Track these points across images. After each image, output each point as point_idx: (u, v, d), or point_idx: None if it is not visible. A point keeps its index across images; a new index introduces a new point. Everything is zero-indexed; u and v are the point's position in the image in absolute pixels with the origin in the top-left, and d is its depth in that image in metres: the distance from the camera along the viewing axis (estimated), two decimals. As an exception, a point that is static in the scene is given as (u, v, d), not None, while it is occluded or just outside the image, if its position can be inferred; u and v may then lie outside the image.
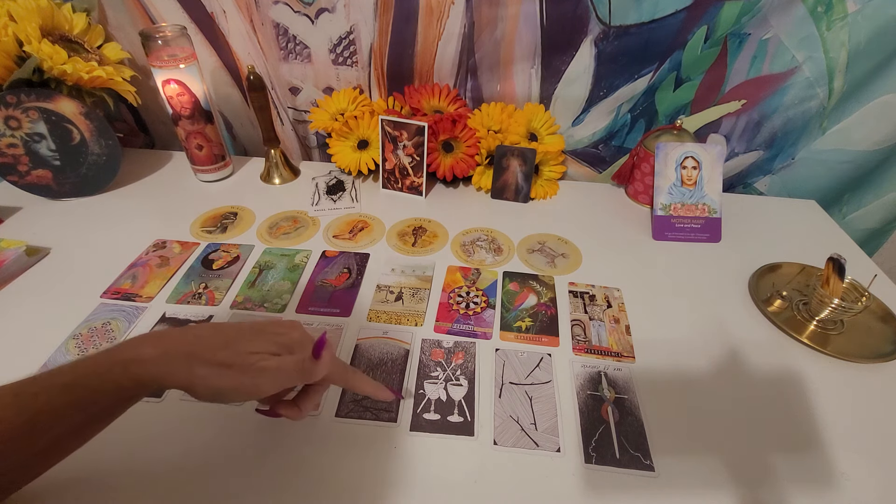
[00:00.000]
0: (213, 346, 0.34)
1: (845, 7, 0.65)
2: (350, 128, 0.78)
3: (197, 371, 0.33)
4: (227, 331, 0.36)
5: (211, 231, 0.70)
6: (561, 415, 0.46)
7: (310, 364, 0.36)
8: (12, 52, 0.65)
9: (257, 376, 0.34)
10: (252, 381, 0.34)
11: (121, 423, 0.44)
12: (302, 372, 0.36)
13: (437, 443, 0.44)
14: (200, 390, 0.33)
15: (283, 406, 0.39)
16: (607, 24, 0.68)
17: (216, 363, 0.33)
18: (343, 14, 0.72)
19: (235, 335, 0.35)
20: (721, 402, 0.48)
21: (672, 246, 0.71)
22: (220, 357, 0.34)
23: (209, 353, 0.33)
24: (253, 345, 0.35)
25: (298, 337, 0.38)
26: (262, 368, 0.34)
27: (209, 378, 0.33)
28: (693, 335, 0.56)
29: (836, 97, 0.72)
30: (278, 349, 0.36)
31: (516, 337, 0.55)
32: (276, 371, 0.35)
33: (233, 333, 0.36)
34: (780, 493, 0.41)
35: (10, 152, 0.69)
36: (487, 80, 0.78)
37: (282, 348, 0.36)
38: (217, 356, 0.33)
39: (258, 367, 0.34)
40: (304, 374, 0.36)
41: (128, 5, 0.76)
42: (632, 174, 0.80)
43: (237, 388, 0.34)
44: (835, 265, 0.56)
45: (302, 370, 0.36)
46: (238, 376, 0.34)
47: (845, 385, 0.51)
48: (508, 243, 0.70)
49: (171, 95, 0.71)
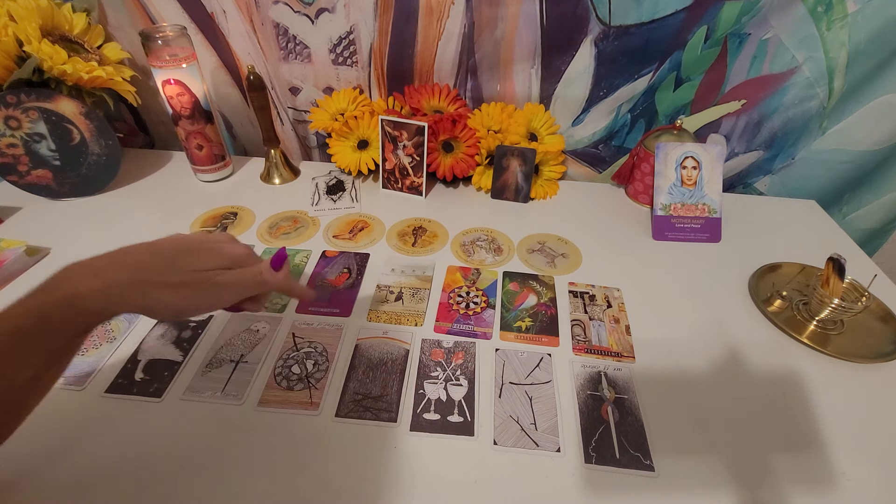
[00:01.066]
0: (160, 269, 0.34)
1: (845, 7, 0.65)
2: (350, 128, 0.78)
3: (152, 295, 0.33)
4: (163, 251, 0.36)
5: (211, 231, 0.70)
6: (561, 415, 0.46)
7: (269, 275, 0.39)
8: (12, 52, 0.65)
9: (217, 291, 0.36)
10: (214, 295, 0.36)
11: (121, 423, 0.44)
12: (260, 283, 0.38)
13: (437, 443, 0.44)
14: (161, 311, 0.35)
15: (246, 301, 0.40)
16: (607, 24, 0.68)
17: (172, 284, 0.34)
18: (343, 14, 0.72)
19: (175, 254, 0.36)
20: (721, 402, 0.48)
21: (672, 246, 0.71)
22: (173, 278, 0.34)
23: (159, 276, 0.34)
24: (200, 261, 0.36)
25: (243, 251, 0.39)
26: (220, 283, 0.36)
27: (168, 299, 0.34)
28: (693, 335, 0.56)
29: (836, 97, 0.72)
30: (229, 263, 0.37)
31: (516, 337, 0.55)
32: (235, 284, 0.37)
33: (168, 252, 0.36)
34: (780, 493, 0.41)
35: (10, 152, 0.69)
36: (487, 80, 0.78)
37: (232, 262, 0.38)
38: (169, 277, 0.34)
39: (216, 282, 0.36)
40: (261, 285, 0.39)
41: (128, 5, 0.76)
42: (632, 174, 0.80)
43: (199, 304, 0.36)
44: (835, 265, 0.56)
45: (260, 281, 0.38)
46: (199, 293, 0.35)
47: (845, 385, 0.51)
48: (508, 243, 0.70)
49: (171, 95, 0.71)
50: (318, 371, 0.50)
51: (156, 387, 0.47)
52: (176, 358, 0.50)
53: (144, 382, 0.48)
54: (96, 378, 0.48)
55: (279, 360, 0.51)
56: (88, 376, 0.48)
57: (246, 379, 0.48)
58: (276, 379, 0.49)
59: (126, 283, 0.33)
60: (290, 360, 0.51)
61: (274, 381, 0.48)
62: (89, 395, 0.47)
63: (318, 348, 0.52)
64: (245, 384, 0.48)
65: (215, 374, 0.49)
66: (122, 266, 0.34)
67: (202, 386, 0.48)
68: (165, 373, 0.49)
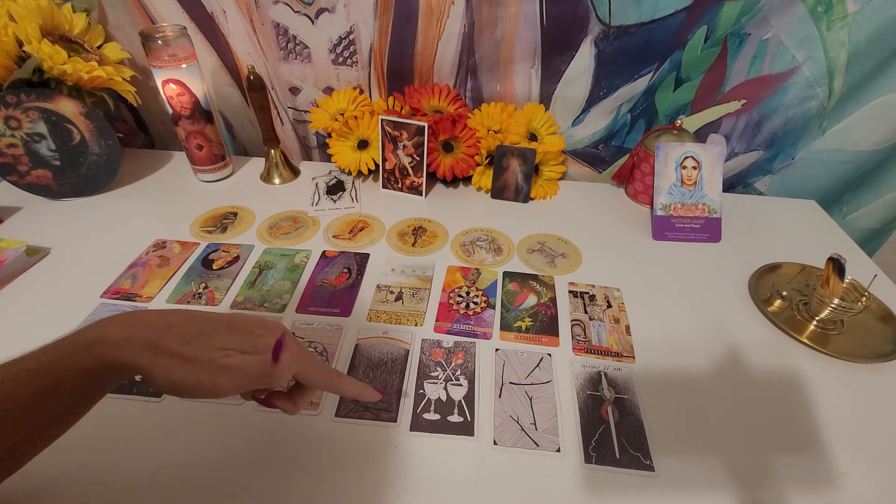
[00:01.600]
0: (182, 337, 0.32)
1: (845, 7, 0.65)
2: (350, 128, 0.78)
3: (159, 360, 0.31)
4: (200, 322, 0.34)
5: (211, 231, 0.70)
6: (561, 415, 0.46)
7: (269, 367, 0.33)
8: (12, 52, 0.65)
9: (216, 374, 0.32)
10: (210, 378, 0.32)
11: (121, 423, 0.44)
12: (263, 375, 0.33)
13: (437, 443, 0.44)
14: (158, 380, 0.32)
15: (278, 398, 0.38)
16: (607, 24, 0.68)
17: (179, 355, 0.31)
18: (343, 14, 0.72)
19: (209, 328, 0.33)
20: (721, 402, 0.48)
21: (672, 246, 0.71)
22: (186, 349, 0.32)
23: (175, 344, 0.31)
24: (223, 340, 0.33)
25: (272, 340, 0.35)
26: (222, 366, 0.32)
27: (168, 369, 0.31)
28: (693, 335, 0.56)
29: (836, 97, 0.72)
30: (249, 348, 0.33)
31: (516, 337, 0.55)
32: (236, 371, 0.32)
33: (206, 326, 0.33)
34: (780, 493, 0.41)
35: (10, 152, 0.69)
36: (487, 80, 0.78)
37: (252, 347, 0.34)
38: (183, 348, 0.32)
39: (219, 363, 0.32)
40: (265, 378, 0.33)
41: (128, 5, 0.76)
42: (632, 174, 0.80)
43: (194, 385, 0.32)
44: (835, 265, 0.56)
45: (263, 373, 0.33)
46: (197, 372, 0.32)
47: (845, 385, 0.51)
48: (508, 243, 0.70)
49: (171, 95, 0.71)
50: (318, 371, 0.49)
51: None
52: (176, 358, 0.50)
53: (144, 382, 0.48)
54: (96, 378, 0.48)
55: (279, 360, 0.51)
56: (88, 376, 0.48)
57: (246, 379, 0.48)
58: (276, 379, 0.48)
59: (146, 339, 0.31)
60: (290, 360, 0.51)
61: (274, 381, 0.48)
62: (89, 395, 0.47)
63: (318, 348, 0.52)
64: (245, 384, 0.48)
65: (215, 374, 0.49)
66: (151, 323, 0.32)
67: (202, 386, 0.48)
68: (165, 373, 0.49)
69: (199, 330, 0.33)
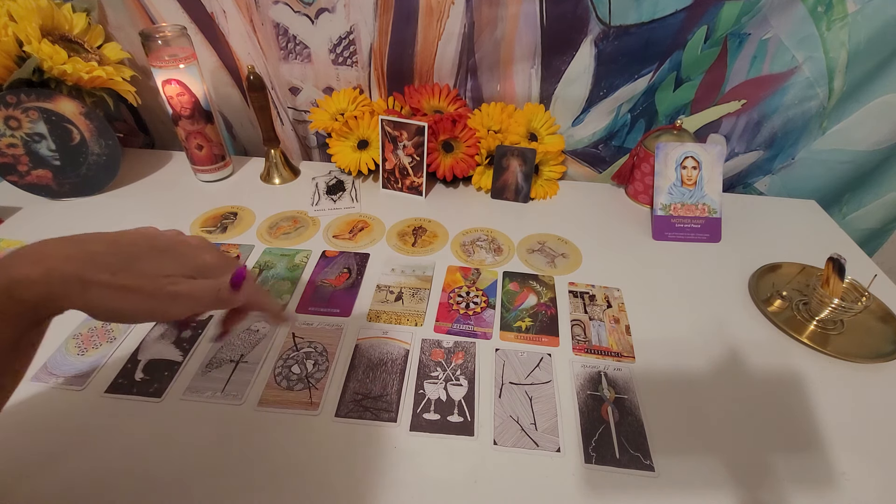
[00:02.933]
0: (111, 266, 0.30)
1: (845, 7, 0.65)
2: (350, 128, 0.78)
3: (94, 293, 0.29)
4: (124, 246, 0.32)
5: (211, 231, 0.70)
6: (561, 415, 0.46)
7: (227, 294, 0.33)
8: (12, 52, 0.65)
9: (168, 301, 0.31)
10: (161, 305, 0.31)
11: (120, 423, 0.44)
12: (218, 301, 0.33)
13: (437, 443, 0.44)
14: (96, 311, 0.30)
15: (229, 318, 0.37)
16: (607, 24, 0.68)
17: (116, 286, 0.30)
18: (343, 14, 0.72)
19: (135, 252, 0.32)
20: (721, 402, 0.48)
21: (672, 246, 0.71)
22: (122, 279, 0.30)
23: (106, 275, 0.29)
24: (160, 265, 0.32)
25: (212, 260, 0.35)
26: (173, 294, 0.31)
27: (108, 300, 0.30)
28: (693, 335, 0.56)
29: (836, 97, 0.72)
30: (191, 271, 0.33)
31: (516, 337, 0.55)
32: (188, 297, 0.32)
33: (132, 250, 0.32)
34: (780, 493, 0.41)
35: (10, 152, 0.69)
36: (487, 80, 0.78)
37: (195, 271, 0.33)
38: (117, 278, 0.30)
39: (168, 291, 0.31)
40: (219, 303, 0.33)
41: (128, 5, 0.76)
42: (632, 174, 0.80)
43: (142, 312, 0.31)
44: (835, 265, 0.56)
45: (218, 298, 0.33)
46: (145, 300, 0.30)
47: (845, 385, 0.51)
48: (508, 243, 0.70)
49: (171, 95, 0.71)
50: (318, 371, 0.50)
51: (156, 387, 0.47)
52: (176, 358, 0.50)
53: (144, 382, 0.48)
54: (96, 378, 0.48)
55: (279, 360, 0.51)
56: (88, 376, 0.48)
57: (246, 379, 0.48)
58: (276, 379, 0.49)
59: (69, 276, 0.29)
60: (290, 360, 0.51)
61: (274, 380, 0.48)
62: (89, 394, 0.47)
63: (318, 348, 0.52)
64: (245, 384, 0.48)
65: (215, 374, 0.49)
66: (69, 254, 0.30)
67: (202, 386, 0.48)
68: (165, 373, 0.49)
69: (127, 254, 0.31)
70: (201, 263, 0.34)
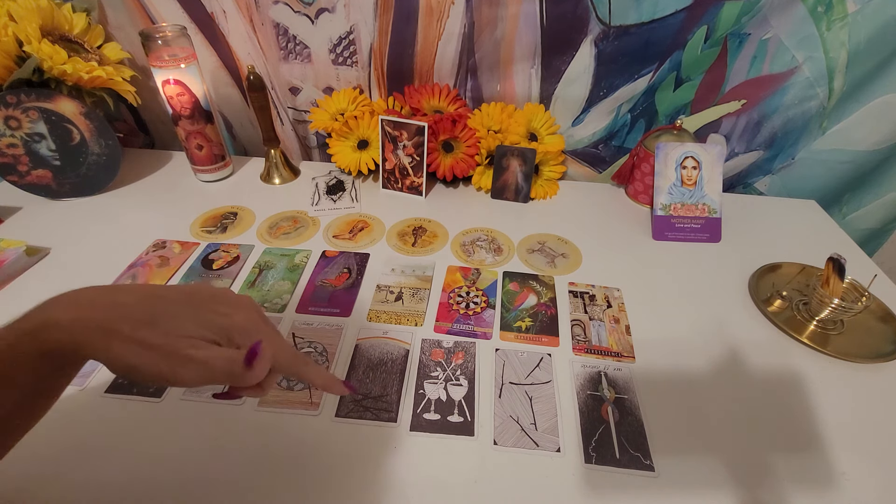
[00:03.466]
0: (135, 320, 0.29)
1: (845, 7, 0.65)
2: (350, 128, 0.78)
3: (113, 345, 0.28)
4: (155, 301, 0.31)
5: (211, 231, 0.70)
6: (561, 415, 0.46)
7: (240, 369, 0.30)
8: (12, 52, 0.65)
9: (179, 365, 0.29)
10: (172, 367, 0.29)
11: (120, 423, 0.44)
12: (230, 375, 0.30)
13: (437, 443, 0.44)
14: (117, 367, 0.29)
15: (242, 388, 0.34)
16: (607, 24, 0.68)
17: (135, 340, 0.28)
18: (343, 14, 0.72)
19: (165, 308, 0.30)
20: (721, 402, 0.48)
21: (672, 246, 0.71)
22: (142, 334, 0.29)
23: (130, 328, 0.28)
24: (185, 325, 0.30)
25: (242, 322, 0.32)
26: (187, 358, 0.29)
27: (125, 356, 0.28)
28: (693, 335, 0.56)
29: (836, 97, 0.72)
30: (215, 334, 0.31)
31: (516, 337, 0.55)
32: (201, 365, 0.29)
33: (162, 306, 0.30)
34: (780, 493, 0.41)
35: (10, 152, 0.69)
36: (487, 80, 0.78)
37: (220, 333, 0.31)
38: (138, 332, 0.29)
39: (183, 353, 0.29)
40: (232, 377, 0.30)
41: (128, 5, 0.76)
42: (632, 174, 0.80)
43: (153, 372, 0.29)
44: (835, 265, 0.56)
45: (231, 372, 0.30)
46: (158, 361, 0.28)
47: (845, 385, 0.51)
48: (508, 243, 0.70)
49: (171, 95, 0.71)
50: (318, 371, 0.50)
51: (156, 387, 0.47)
52: (176, 358, 0.50)
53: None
54: (96, 378, 0.48)
55: (279, 360, 0.51)
56: (88, 376, 0.48)
57: (246, 379, 0.48)
58: (276, 379, 0.49)
59: (96, 324, 0.28)
60: (290, 360, 0.51)
61: (274, 381, 0.48)
62: (89, 394, 0.47)
63: (318, 348, 0.52)
64: (245, 384, 0.48)
65: (215, 374, 0.49)
66: (100, 303, 0.29)
67: (202, 386, 0.48)
68: (165, 373, 0.49)
69: (155, 311, 0.30)
70: (229, 325, 0.31)
